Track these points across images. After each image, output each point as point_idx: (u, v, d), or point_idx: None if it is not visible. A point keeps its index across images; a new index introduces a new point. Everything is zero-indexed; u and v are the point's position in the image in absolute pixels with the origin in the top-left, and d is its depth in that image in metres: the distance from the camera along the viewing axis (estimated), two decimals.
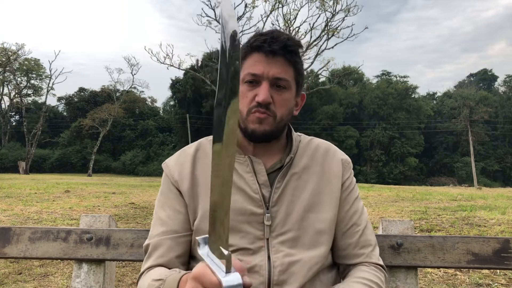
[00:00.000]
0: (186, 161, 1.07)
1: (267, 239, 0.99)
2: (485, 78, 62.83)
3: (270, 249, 0.98)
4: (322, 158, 1.09)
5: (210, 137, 1.15)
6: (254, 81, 0.99)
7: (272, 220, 1.00)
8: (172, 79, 47.20)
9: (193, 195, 1.03)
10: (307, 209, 1.01)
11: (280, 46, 0.97)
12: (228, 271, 0.58)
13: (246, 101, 1.00)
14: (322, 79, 35.81)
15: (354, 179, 1.13)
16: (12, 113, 49.06)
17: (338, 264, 1.11)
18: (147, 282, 0.93)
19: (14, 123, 50.32)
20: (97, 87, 49.10)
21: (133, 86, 45.28)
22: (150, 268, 1.00)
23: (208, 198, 0.98)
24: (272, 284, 0.95)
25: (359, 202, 1.11)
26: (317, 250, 1.00)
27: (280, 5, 19.72)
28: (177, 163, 1.08)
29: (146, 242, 1.05)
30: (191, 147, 1.12)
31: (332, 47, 20.91)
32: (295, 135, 1.12)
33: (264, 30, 1.02)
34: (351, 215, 1.07)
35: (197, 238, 0.65)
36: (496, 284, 3.31)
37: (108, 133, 41.62)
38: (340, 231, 1.06)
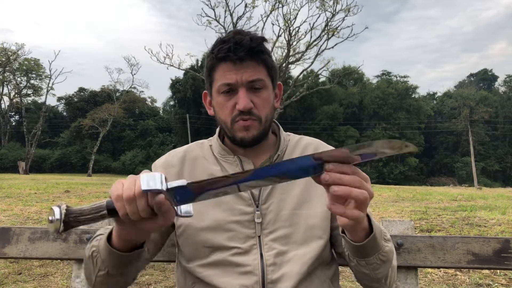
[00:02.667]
0: (174, 161, 1.09)
1: (259, 237, 0.98)
2: (485, 78, 62.85)
3: (262, 247, 0.97)
4: None
5: (201, 141, 1.16)
6: (230, 90, 0.99)
7: (263, 217, 1.00)
8: (172, 79, 47.22)
9: None
10: (298, 206, 1.01)
11: (245, 51, 0.96)
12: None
13: (227, 111, 1.00)
14: (322, 79, 35.81)
15: None
16: (12, 113, 49.06)
17: (340, 255, 1.07)
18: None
19: (14, 123, 50.33)
20: (97, 87, 49.16)
21: (133, 86, 45.33)
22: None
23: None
24: (266, 283, 0.95)
25: None
26: (311, 246, 0.99)
27: (280, 5, 19.71)
28: (165, 163, 1.10)
29: None
30: (180, 149, 1.14)
31: (332, 47, 20.88)
32: (284, 134, 1.13)
33: (225, 35, 1.00)
34: None
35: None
36: (496, 284, 3.31)
37: (108, 133, 41.59)
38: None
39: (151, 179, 0.66)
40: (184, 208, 0.73)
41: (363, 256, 0.87)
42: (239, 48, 0.95)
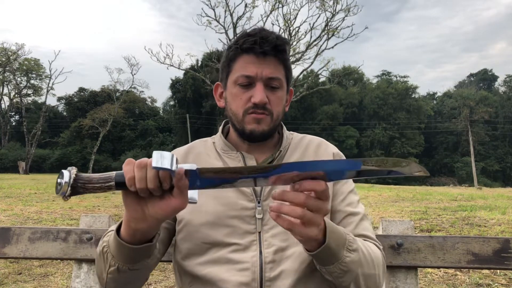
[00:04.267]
0: (177, 156, 1.08)
1: (259, 233, 0.98)
2: (485, 78, 62.85)
3: (262, 243, 0.97)
4: (314, 152, 1.10)
5: (204, 139, 1.17)
6: (248, 83, 1.00)
7: (264, 213, 1.00)
8: (172, 79, 47.20)
9: None
10: None
11: (270, 46, 0.98)
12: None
13: (241, 103, 1.01)
14: (322, 79, 35.80)
15: None
16: (12, 113, 49.05)
17: None
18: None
19: (14, 123, 50.30)
20: (97, 87, 49.02)
21: (133, 86, 45.30)
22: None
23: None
24: (264, 280, 0.94)
25: (354, 195, 1.10)
26: None
27: (280, 5, 19.72)
28: None
29: None
30: (183, 147, 1.15)
31: (332, 47, 20.85)
32: (287, 132, 1.14)
33: (250, 30, 1.03)
34: (345, 206, 1.06)
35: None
36: (496, 284, 3.31)
37: (108, 133, 41.58)
38: (334, 222, 1.04)
39: (162, 158, 0.67)
40: (190, 193, 0.73)
41: (320, 264, 0.86)
42: (265, 42, 0.97)
